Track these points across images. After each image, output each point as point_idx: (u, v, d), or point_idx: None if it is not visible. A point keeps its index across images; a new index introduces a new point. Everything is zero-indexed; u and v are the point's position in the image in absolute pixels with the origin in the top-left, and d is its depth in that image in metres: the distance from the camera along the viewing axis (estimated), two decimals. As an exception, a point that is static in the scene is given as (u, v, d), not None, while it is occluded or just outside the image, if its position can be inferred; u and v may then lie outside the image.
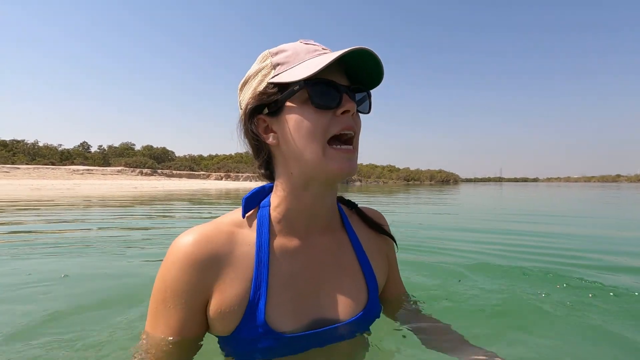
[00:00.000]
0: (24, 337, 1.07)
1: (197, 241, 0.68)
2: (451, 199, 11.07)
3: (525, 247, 2.75)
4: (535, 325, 1.17)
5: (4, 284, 1.63)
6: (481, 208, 7.31)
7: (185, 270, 0.66)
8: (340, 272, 0.79)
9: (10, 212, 5.41)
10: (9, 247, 2.56)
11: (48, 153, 49.07)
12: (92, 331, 1.08)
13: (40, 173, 31.97)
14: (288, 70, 0.68)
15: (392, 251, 0.94)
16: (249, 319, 0.67)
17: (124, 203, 8.04)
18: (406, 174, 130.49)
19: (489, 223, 4.52)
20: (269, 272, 0.70)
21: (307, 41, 0.73)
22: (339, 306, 0.76)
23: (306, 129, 0.66)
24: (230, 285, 0.68)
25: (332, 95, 0.66)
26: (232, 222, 0.74)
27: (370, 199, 10.74)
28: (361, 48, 0.63)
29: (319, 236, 0.78)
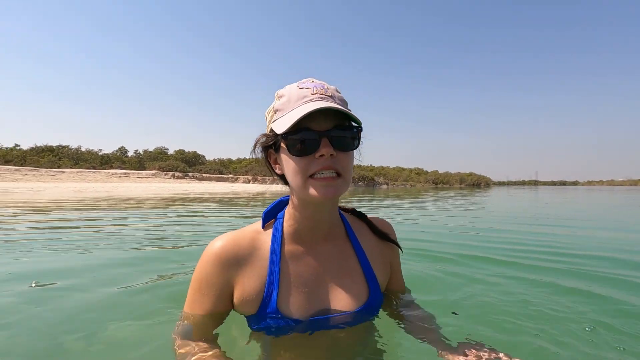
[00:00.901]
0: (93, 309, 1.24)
1: (225, 245, 0.89)
2: (477, 202, 10.76)
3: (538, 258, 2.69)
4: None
5: (74, 268, 1.84)
6: (507, 213, 7.07)
7: (215, 267, 0.88)
8: (342, 274, 0.95)
9: (58, 213, 5.89)
10: (69, 240, 2.84)
11: (90, 157, 52.09)
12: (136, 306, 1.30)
13: (83, 176, 34.10)
14: (279, 119, 0.83)
15: (395, 256, 1.09)
16: (265, 307, 0.88)
17: (157, 205, 8.50)
18: (434, 177, 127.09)
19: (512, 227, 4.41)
20: (280, 271, 0.90)
21: (302, 84, 0.85)
22: (340, 301, 0.93)
23: (291, 168, 0.83)
24: (249, 280, 0.89)
25: (310, 142, 0.79)
26: (254, 231, 0.95)
27: (379, 203, 10.63)
28: (318, 108, 0.76)
29: (322, 244, 0.96)
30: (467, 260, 2.30)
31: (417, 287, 1.41)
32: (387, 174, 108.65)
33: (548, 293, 1.62)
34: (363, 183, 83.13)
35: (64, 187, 21.60)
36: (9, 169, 31.35)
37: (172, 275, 1.83)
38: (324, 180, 0.80)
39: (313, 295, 0.91)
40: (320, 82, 0.87)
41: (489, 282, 1.79)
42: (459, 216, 6.01)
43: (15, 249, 2.58)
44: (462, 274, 1.94)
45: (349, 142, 0.83)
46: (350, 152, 0.84)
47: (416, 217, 5.59)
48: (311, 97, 0.81)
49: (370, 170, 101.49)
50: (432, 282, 1.78)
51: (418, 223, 4.74)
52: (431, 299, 1.44)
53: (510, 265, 2.19)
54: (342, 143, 0.82)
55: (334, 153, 0.80)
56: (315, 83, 0.85)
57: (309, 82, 0.85)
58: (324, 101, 0.80)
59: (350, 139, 0.83)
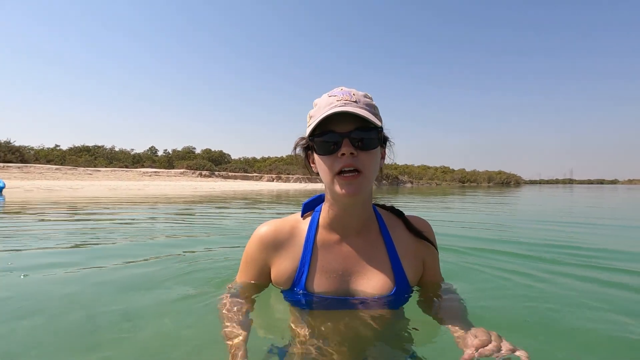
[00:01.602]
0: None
1: (267, 230, 1.07)
2: (498, 202, 10.44)
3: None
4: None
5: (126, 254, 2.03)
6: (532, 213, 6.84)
7: (257, 247, 1.08)
8: (370, 265, 1.04)
9: (96, 208, 6.29)
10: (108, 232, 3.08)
11: (123, 157, 54.53)
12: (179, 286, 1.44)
13: (117, 175, 35.76)
14: (311, 124, 0.95)
15: (430, 253, 1.13)
16: (295, 285, 1.04)
17: (186, 201, 8.86)
18: (461, 175, 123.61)
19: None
20: (311, 257, 1.03)
21: (332, 92, 0.96)
22: (365, 288, 1.02)
23: (321, 167, 0.96)
24: (284, 262, 1.05)
25: (332, 142, 0.91)
26: (295, 220, 1.10)
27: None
28: (335, 112, 0.87)
29: (354, 237, 1.05)
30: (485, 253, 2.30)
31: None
32: (411, 172, 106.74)
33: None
34: (387, 181, 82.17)
35: (100, 185, 22.77)
36: (50, 168, 33.38)
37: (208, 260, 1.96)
38: (347, 179, 0.91)
39: (339, 280, 1.02)
40: (349, 89, 0.96)
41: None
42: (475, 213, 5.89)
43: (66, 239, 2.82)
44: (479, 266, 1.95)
45: (370, 142, 0.92)
46: (371, 151, 0.93)
47: (439, 214, 5.54)
48: (336, 104, 0.91)
49: (394, 169, 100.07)
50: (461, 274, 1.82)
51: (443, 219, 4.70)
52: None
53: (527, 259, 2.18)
54: (362, 143, 0.91)
55: (354, 152, 0.90)
56: (344, 91, 0.95)
57: (337, 90, 0.96)
58: (345, 106, 0.89)
59: (371, 139, 0.92)
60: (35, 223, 4.00)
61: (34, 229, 3.52)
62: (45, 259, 2.15)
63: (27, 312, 1.25)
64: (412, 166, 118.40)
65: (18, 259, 2.13)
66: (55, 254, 2.31)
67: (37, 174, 29.98)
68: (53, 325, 1.15)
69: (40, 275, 1.76)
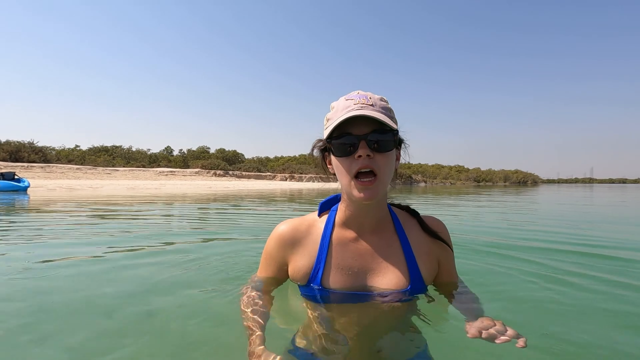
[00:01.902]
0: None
1: (286, 229, 1.11)
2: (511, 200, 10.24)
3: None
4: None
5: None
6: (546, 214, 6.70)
7: (276, 245, 1.12)
8: (385, 263, 1.06)
9: (117, 206, 6.49)
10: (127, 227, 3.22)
11: (140, 157, 55.57)
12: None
13: (134, 174, 36.57)
14: (328, 127, 0.97)
15: (445, 253, 1.15)
16: (311, 281, 1.07)
17: (202, 200, 9.03)
18: (476, 174, 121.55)
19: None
20: (327, 255, 1.06)
21: (349, 96, 0.99)
22: (379, 284, 1.04)
23: (339, 168, 0.99)
24: (302, 259, 1.09)
25: (349, 145, 0.94)
26: (312, 219, 1.14)
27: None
28: (353, 115, 0.90)
29: (369, 235, 1.08)
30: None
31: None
32: (425, 171, 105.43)
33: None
34: (400, 181, 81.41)
35: (118, 184, 23.35)
36: (71, 167, 34.40)
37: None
38: (364, 184, 0.94)
39: (354, 277, 1.05)
40: (365, 93, 0.98)
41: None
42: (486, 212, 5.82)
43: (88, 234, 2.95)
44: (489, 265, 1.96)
45: (386, 144, 0.95)
46: (387, 153, 0.95)
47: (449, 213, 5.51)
48: (352, 107, 0.94)
49: (407, 168, 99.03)
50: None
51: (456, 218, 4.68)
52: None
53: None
54: (378, 145, 0.94)
55: (370, 154, 0.92)
56: (360, 94, 0.97)
57: (354, 93, 0.99)
58: (362, 110, 0.92)
59: (387, 141, 0.95)
60: (59, 220, 4.17)
61: (58, 225, 3.68)
62: (67, 255, 2.25)
63: (49, 307, 1.32)
64: (425, 165, 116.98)
65: (41, 255, 2.23)
66: (78, 251, 2.40)
67: (60, 174, 30.93)
68: (75, 322, 1.19)
69: (62, 270, 1.85)
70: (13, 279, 1.68)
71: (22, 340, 1.05)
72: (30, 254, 2.27)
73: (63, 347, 1.01)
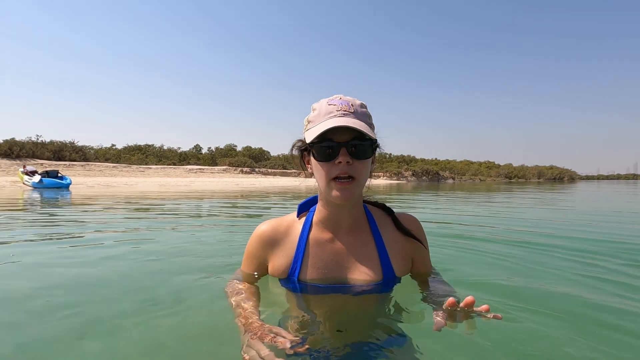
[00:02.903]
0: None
1: (266, 229, 1.17)
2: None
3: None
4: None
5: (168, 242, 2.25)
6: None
7: (257, 244, 1.18)
8: (359, 261, 1.12)
9: (151, 202, 6.80)
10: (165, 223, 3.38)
11: (170, 155, 57.65)
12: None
13: (165, 172, 37.98)
14: (310, 129, 1.02)
15: (418, 249, 1.20)
16: (290, 276, 1.14)
17: (228, 196, 9.29)
18: (508, 170, 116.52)
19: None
20: (304, 254, 1.13)
21: (331, 100, 1.03)
22: (353, 279, 1.11)
23: (318, 171, 1.03)
24: (280, 257, 1.15)
25: (330, 151, 0.98)
26: (291, 219, 1.19)
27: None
28: (336, 126, 0.93)
29: (345, 234, 1.13)
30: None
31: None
32: (453, 167, 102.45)
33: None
34: (427, 177, 79.68)
35: (151, 181, 24.35)
36: (108, 165, 36.22)
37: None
38: (342, 184, 0.99)
39: (330, 273, 1.11)
40: (347, 99, 1.03)
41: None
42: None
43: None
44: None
45: (364, 152, 1.00)
46: (365, 160, 1.01)
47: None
48: (335, 113, 0.99)
49: (435, 164, 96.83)
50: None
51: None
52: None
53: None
54: (358, 152, 0.99)
55: (350, 161, 0.97)
56: (342, 100, 1.01)
57: (337, 99, 1.02)
58: (345, 117, 0.97)
59: (365, 149, 1.00)
60: (99, 214, 4.44)
61: (97, 219, 3.91)
62: (106, 246, 2.40)
63: (87, 297, 1.42)
64: (454, 161, 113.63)
65: (83, 246, 2.40)
66: (116, 243, 2.56)
67: (98, 172, 32.66)
68: (109, 309, 1.27)
69: (103, 262, 1.97)
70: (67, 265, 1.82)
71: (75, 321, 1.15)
72: (78, 246, 2.44)
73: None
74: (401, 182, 46.96)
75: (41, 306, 1.27)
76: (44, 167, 26.31)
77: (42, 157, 35.16)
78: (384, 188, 18.83)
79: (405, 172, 79.00)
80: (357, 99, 1.06)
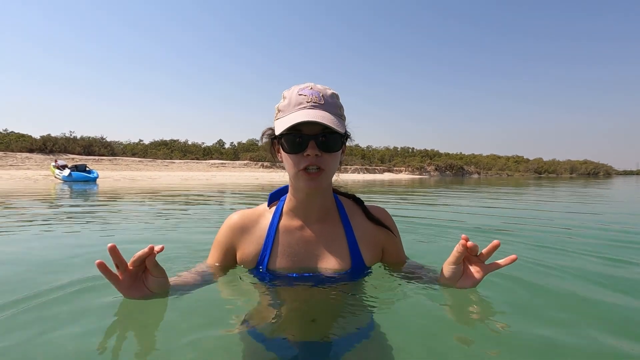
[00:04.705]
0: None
1: (237, 219, 1.18)
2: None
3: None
4: None
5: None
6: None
7: (226, 232, 1.19)
8: (328, 249, 1.13)
9: (172, 195, 6.85)
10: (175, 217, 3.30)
11: (194, 149, 59.14)
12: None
13: (189, 166, 38.97)
14: (280, 119, 1.02)
15: (389, 238, 1.22)
16: (258, 266, 1.15)
17: (245, 189, 9.27)
18: (537, 165, 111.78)
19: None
20: (273, 242, 1.13)
21: (302, 90, 1.01)
22: (323, 267, 1.12)
23: (287, 161, 1.03)
24: (249, 246, 1.16)
25: (300, 143, 0.98)
26: (262, 209, 1.21)
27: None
28: (305, 120, 0.93)
29: (316, 223, 1.14)
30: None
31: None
32: (479, 162, 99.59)
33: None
34: (451, 172, 77.92)
35: (174, 175, 25.02)
36: (134, 160, 37.55)
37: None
38: (310, 175, 1.00)
39: (299, 261, 1.12)
40: (318, 88, 1.02)
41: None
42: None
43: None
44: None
45: (333, 145, 1.00)
46: (334, 153, 1.01)
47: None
48: (305, 105, 0.98)
49: (459, 159, 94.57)
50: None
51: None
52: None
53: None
54: (326, 145, 0.99)
55: (318, 153, 0.98)
56: (313, 90, 1.01)
57: (307, 88, 1.01)
58: (315, 110, 0.97)
59: (334, 142, 1.00)
60: (122, 207, 4.46)
61: (120, 211, 3.90)
62: (131, 237, 2.39)
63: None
64: (479, 156, 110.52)
65: (107, 237, 2.35)
66: (137, 233, 2.53)
67: (124, 166, 33.89)
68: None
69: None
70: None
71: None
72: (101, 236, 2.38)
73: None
74: (423, 177, 45.95)
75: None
76: (74, 161, 27.50)
77: (74, 152, 36.84)
78: (406, 182, 18.35)
79: (428, 167, 77.55)
80: (329, 87, 1.05)
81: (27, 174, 19.90)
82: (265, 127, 1.14)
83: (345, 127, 1.04)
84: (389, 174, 62.19)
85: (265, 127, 1.14)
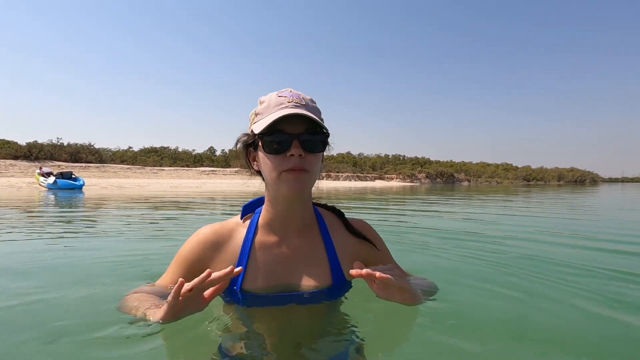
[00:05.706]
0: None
1: (207, 233, 1.06)
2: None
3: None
4: None
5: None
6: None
7: (195, 248, 1.06)
8: (308, 265, 1.05)
9: (163, 202, 6.68)
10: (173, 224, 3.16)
11: (185, 157, 58.57)
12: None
13: (178, 174, 38.56)
14: (259, 121, 0.96)
15: (372, 251, 1.15)
16: (232, 286, 1.04)
17: (234, 196, 9.12)
18: (526, 172, 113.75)
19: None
20: (248, 259, 1.03)
21: (281, 93, 0.98)
22: (302, 285, 1.04)
23: (267, 165, 0.95)
24: (220, 264, 1.04)
25: (283, 142, 0.92)
26: (235, 222, 1.09)
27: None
28: (290, 113, 0.89)
29: (294, 237, 1.06)
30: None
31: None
32: (469, 170, 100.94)
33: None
34: (441, 180, 78.73)
35: (163, 182, 24.69)
36: (122, 167, 37.02)
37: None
38: (294, 174, 0.92)
39: (276, 279, 1.03)
40: (297, 92, 0.99)
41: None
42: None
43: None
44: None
45: (317, 145, 0.95)
46: (317, 154, 0.96)
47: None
48: (287, 105, 0.94)
49: (449, 166, 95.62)
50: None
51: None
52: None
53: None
54: (310, 145, 0.94)
55: (302, 154, 0.92)
56: (293, 93, 0.97)
57: (287, 91, 0.98)
58: (297, 108, 0.92)
59: (318, 142, 0.96)
60: (107, 216, 4.30)
61: (106, 220, 3.74)
62: (120, 244, 2.28)
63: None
64: (469, 163, 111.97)
65: (91, 245, 2.22)
66: (125, 241, 2.41)
67: (112, 173, 33.36)
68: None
69: (113, 258, 1.84)
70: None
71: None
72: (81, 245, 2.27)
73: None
74: (414, 185, 46.32)
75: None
76: (60, 168, 26.92)
77: (60, 159, 36.12)
78: (397, 189, 18.39)
79: (419, 174, 78.33)
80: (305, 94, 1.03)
81: (11, 182, 19.39)
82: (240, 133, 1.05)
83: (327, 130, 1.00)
84: (380, 181, 62.59)
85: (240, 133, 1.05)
